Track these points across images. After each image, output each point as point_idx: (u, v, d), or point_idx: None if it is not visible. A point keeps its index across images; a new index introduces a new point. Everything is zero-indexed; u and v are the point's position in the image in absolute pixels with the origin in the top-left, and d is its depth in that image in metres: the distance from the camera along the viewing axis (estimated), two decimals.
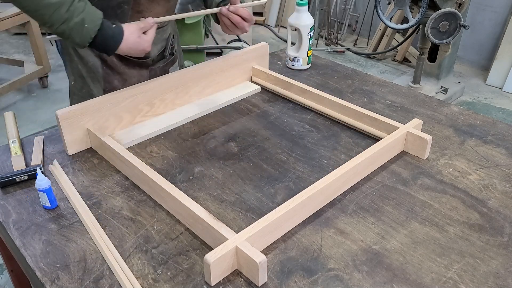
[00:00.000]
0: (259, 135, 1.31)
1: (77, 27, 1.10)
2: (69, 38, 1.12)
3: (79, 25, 1.10)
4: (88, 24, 1.11)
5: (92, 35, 1.13)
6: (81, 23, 1.10)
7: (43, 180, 1.01)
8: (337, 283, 0.86)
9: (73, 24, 1.09)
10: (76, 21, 1.09)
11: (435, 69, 3.49)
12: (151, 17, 1.24)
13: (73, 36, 1.11)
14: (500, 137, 1.30)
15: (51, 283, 0.86)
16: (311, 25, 1.67)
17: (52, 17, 1.07)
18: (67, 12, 1.08)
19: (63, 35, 1.12)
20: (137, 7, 1.32)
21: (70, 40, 1.13)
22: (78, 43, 1.13)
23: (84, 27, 1.11)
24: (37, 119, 3.30)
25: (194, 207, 0.95)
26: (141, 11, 1.34)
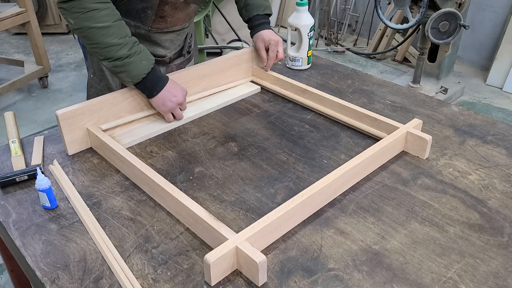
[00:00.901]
0: (259, 135, 1.31)
1: (136, 62, 1.22)
2: (126, 72, 1.22)
3: (138, 60, 1.22)
4: (145, 61, 1.24)
5: (146, 71, 1.24)
6: (140, 59, 1.22)
7: (43, 180, 1.01)
8: (337, 283, 0.86)
9: (134, 59, 1.21)
10: (136, 57, 1.22)
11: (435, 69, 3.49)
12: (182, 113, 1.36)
13: (131, 69, 1.22)
14: (500, 137, 1.30)
15: (51, 283, 0.86)
16: (311, 25, 1.67)
17: (117, 53, 1.19)
18: (130, 50, 1.21)
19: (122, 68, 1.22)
20: (161, 13, 1.36)
21: (126, 73, 1.22)
22: (135, 75, 1.23)
23: (142, 63, 1.23)
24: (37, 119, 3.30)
25: (194, 207, 0.95)
26: (164, 16, 1.37)
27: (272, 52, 1.52)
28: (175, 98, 1.30)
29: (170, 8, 1.36)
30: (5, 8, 3.32)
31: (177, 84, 1.32)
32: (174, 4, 1.36)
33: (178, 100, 1.31)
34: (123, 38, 1.20)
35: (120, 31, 1.20)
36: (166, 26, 1.41)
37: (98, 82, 1.47)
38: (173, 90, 1.30)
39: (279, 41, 1.53)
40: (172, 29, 1.44)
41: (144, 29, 1.38)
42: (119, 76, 1.25)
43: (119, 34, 1.19)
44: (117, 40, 1.19)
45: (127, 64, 1.21)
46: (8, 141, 1.25)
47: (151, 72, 1.25)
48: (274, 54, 1.52)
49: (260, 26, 1.54)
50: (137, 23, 1.37)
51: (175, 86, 1.31)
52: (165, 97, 1.28)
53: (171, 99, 1.29)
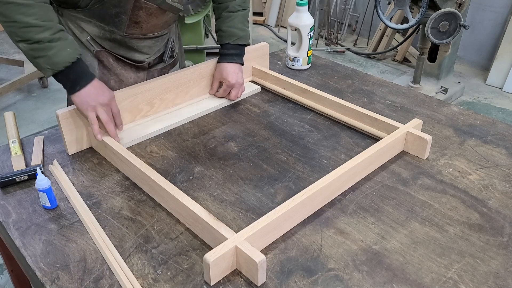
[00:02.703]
0: (259, 135, 1.31)
1: (59, 47, 1.10)
2: (46, 57, 1.10)
3: (62, 46, 1.10)
4: (71, 49, 1.12)
5: (71, 60, 1.12)
6: (63, 46, 1.11)
7: (43, 180, 1.01)
8: (337, 283, 0.86)
9: (56, 45, 1.10)
10: (59, 43, 1.10)
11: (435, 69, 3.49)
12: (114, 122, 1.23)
13: (52, 55, 1.10)
14: (500, 137, 1.30)
15: (51, 283, 0.86)
16: (311, 25, 1.67)
17: (37, 35, 1.08)
18: (53, 35, 1.09)
19: (42, 51, 1.10)
20: (135, 18, 1.31)
21: (45, 59, 1.10)
22: (56, 62, 1.11)
23: (66, 50, 1.11)
24: (37, 119, 3.30)
25: (194, 207, 0.95)
26: (138, 22, 1.33)
27: (224, 91, 1.46)
28: (100, 97, 1.17)
29: (145, 13, 1.31)
30: None
31: (104, 85, 1.21)
32: (148, 10, 1.30)
33: (103, 100, 1.17)
34: (46, 21, 1.08)
35: (43, 13, 1.08)
36: (142, 32, 1.36)
37: None
38: (100, 89, 1.18)
39: (235, 84, 1.44)
40: (149, 35, 1.39)
41: (119, 35, 1.34)
42: (36, 61, 1.10)
43: (41, 16, 1.08)
44: (39, 21, 1.07)
45: (47, 49, 1.08)
46: (8, 141, 1.25)
47: (76, 63, 1.13)
48: (225, 94, 1.46)
49: (226, 57, 1.45)
50: (112, 28, 1.32)
51: (102, 86, 1.20)
52: (89, 93, 1.15)
53: (96, 97, 1.16)
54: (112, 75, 1.41)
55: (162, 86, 1.36)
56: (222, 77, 1.45)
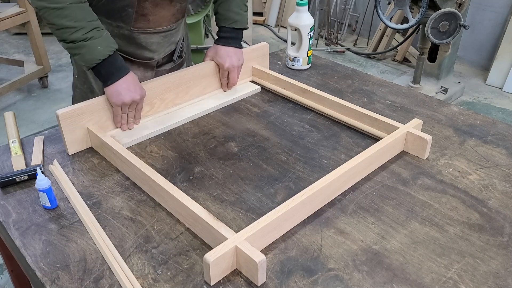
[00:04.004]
0: (259, 135, 1.31)
1: (91, 46, 1.18)
2: (80, 55, 1.19)
3: (93, 45, 1.18)
4: (102, 47, 1.19)
5: (101, 57, 1.19)
6: (95, 45, 1.18)
7: (43, 180, 1.01)
8: (337, 283, 0.86)
9: (89, 43, 1.18)
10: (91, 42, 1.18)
11: (435, 69, 3.49)
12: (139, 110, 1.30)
13: (84, 53, 1.18)
14: (500, 137, 1.30)
15: (51, 283, 0.86)
16: (311, 25, 1.67)
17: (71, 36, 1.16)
18: (85, 34, 1.17)
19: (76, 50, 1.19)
20: (142, 10, 1.32)
21: (80, 56, 1.19)
22: (88, 59, 1.19)
23: (97, 48, 1.18)
24: (37, 119, 3.30)
25: (194, 207, 0.95)
26: (145, 14, 1.33)
27: (222, 76, 1.48)
28: (131, 93, 1.22)
29: (151, 5, 1.32)
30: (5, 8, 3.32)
31: (138, 82, 1.27)
32: (154, 1, 1.31)
33: (134, 96, 1.23)
34: (79, 21, 1.15)
35: (75, 13, 1.15)
36: (149, 26, 1.37)
37: (82, 84, 1.45)
38: (132, 85, 1.23)
39: (229, 67, 1.45)
40: (157, 29, 1.39)
41: (127, 29, 1.34)
42: (74, 58, 1.22)
43: (74, 17, 1.15)
44: (71, 23, 1.15)
45: (81, 47, 1.17)
46: (8, 141, 1.25)
47: (108, 59, 1.20)
48: (224, 79, 1.48)
49: (222, 39, 1.47)
50: (119, 23, 1.33)
51: (135, 83, 1.25)
52: (120, 88, 1.21)
53: (127, 92, 1.22)
54: None
55: (162, 86, 1.36)
56: (216, 58, 1.47)
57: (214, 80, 1.50)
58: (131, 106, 1.26)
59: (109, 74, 1.21)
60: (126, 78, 1.23)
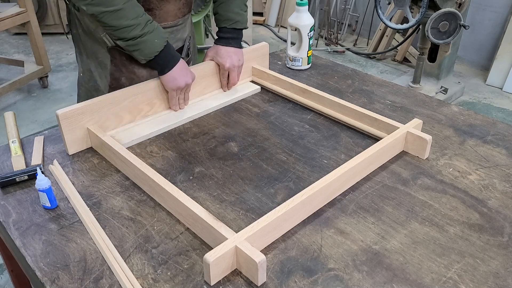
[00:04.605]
0: (259, 135, 1.31)
1: (149, 41, 1.25)
2: (139, 50, 1.25)
3: (151, 39, 1.25)
4: (158, 39, 1.26)
5: (159, 49, 1.26)
6: (152, 38, 1.25)
7: (43, 180, 1.01)
8: (337, 283, 0.86)
9: (146, 38, 1.24)
10: (148, 36, 1.24)
11: (435, 69, 3.49)
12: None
13: (143, 48, 1.25)
14: (500, 137, 1.30)
15: (51, 283, 0.86)
16: (311, 25, 1.67)
17: (130, 34, 1.22)
18: (142, 30, 1.23)
19: (135, 46, 1.25)
20: (148, 4, 1.33)
21: (139, 52, 1.26)
22: (147, 53, 1.26)
23: (154, 41, 1.25)
24: (37, 119, 3.30)
25: (194, 207, 0.95)
26: (151, 8, 1.35)
27: (222, 76, 1.49)
28: (184, 77, 1.33)
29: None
30: (5, 8, 3.32)
31: (187, 66, 1.36)
32: None
33: (187, 80, 1.34)
34: (135, 18, 1.21)
35: (131, 12, 1.21)
36: (156, 21, 1.35)
37: (87, 82, 1.45)
38: (184, 70, 1.33)
39: (230, 67, 1.46)
40: (163, 24, 1.39)
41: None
42: (133, 54, 1.28)
43: (131, 16, 1.20)
44: (129, 21, 1.20)
45: (140, 43, 1.24)
46: (8, 141, 1.25)
47: (163, 50, 1.27)
48: (225, 79, 1.49)
49: (222, 40, 1.48)
50: None
51: (186, 68, 1.35)
52: (176, 74, 1.31)
53: (182, 77, 1.32)
54: (124, 72, 1.42)
55: (162, 86, 1.36)
56: (216, 59, 1.47)
57: (214, 80, 1.50)
58: (183, 89, 1.36)
59: (166, 64, 1.29)
60: (179, 64, 1.32)
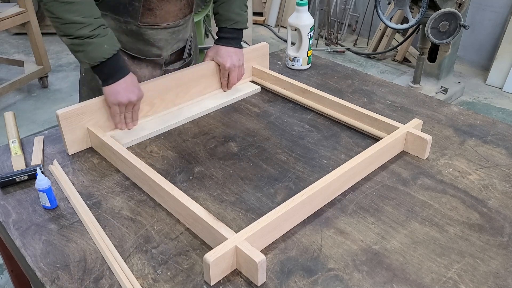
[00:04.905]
0: (259, 135, 1.31)
1: (97, 44, 1.17)
2: (84, 52, 1.17)
3: (99, 43, 1.17)
4: (108, 46, 1.19)
5: (106, 55, 1.19)
6: (101, 42, 1.18)
7: (43, 180, 1.01)
8: (337, 283, 0.86)
9: (95, 41, 1.17)
10: (98, 39, 1.17)
11: (435, 69, 3.49)
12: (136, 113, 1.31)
13: (90, 50, 1.17)
14: (500, 137, 1.30)
15: (51, 283, 0.86)
16: (311, 25, 1.67)
17: (78, 32, 1.15)
18: (92, 31, 1.16)
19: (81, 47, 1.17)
20: (148, 4, 1.32)
21: (83, 54, 1.18)
22: (92, 57, 1.18)
23: (103, 46, 1.18)
24: (37, 119, 3.30)
25: (194, 207, 0.95)
26: (152, 8, 1.34)
27: (222, 76, 1.48)
28: (128, 93, 1.23)
29: None
30: (5, 8, 3.32)
31: (137, 83, 1.27)
32: None
33: (131, 97, 1.23)
34: (87, 17, 1.15)
35: (84, 9, 1.15)
36: (157, 21, 1.37)
37: (89, 82, 1.45)
38: (131, 86, 1.24)
39: (230, 67, 1.45)
40: (164, 25, 1.39)
41: (134, 25, 1.34)
42: (76, 55, 1.20)
43: (83, 13, 1.14)
44: (80, 18, 1.14)
45: (86, 44, 1.16)
46: (8, 141, 1.25)
47: (112, 58, 1.20)
48: (225, 79, 1.49)
49: (222, 40, 1.47)
50: (127, 18, 1.33)
51: (135, 84, 1.26)
52: (119, 88, 1.22)
53: (125, 93, 1.22)
54: None
55: (162, 86, 1.36)
56: (217, 58, 1.47)
57: (214, 80, 1.50)
58: (128, 107, 1.26)
59: (111, 73, 1.21)
60: (126, 78, 1.23)
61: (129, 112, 1.28)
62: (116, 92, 1.22)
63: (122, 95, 1.22)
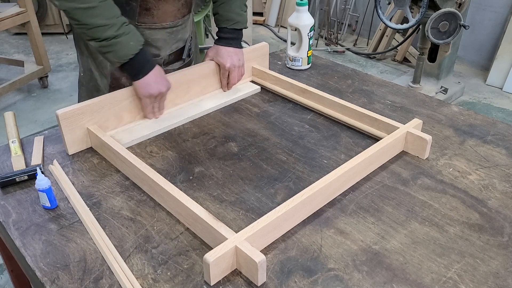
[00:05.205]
0: (259, 135, 1.31)
1: (123, 42, 1.19)
2: (113, 52, 1.20)
3: (125, 41, 1.19)
4: (133, 42, 1.21)
5: (134, 51, 1.21)
6: (127, 40, 1.20)
7: (43, 180, 1.01)
8: (337, 283, 0.86)
9: (121, 40, 1.19)
10: (123, 38, 1.19)
11: (435, 69, 3.49)
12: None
13: (118, 49, 1.19)
14: (500, 137, 1.30)
15: (51, 283, 0.86)
16: (311, 25, 1.67)
17: (104, 34, 1.17)
18: (117, 31, 1.18)
19: (109, 48, 1.19)
20: (145, 4, 1.32)
21: (113, 53, 1.20)
22: (121, 55, 1.20)
23: (129, 43, 1.20)
24: (37, 119, 3.30)
25: (194, 207, 0.95)
26: (149, 8, 1.34)
27: (223, 76, 1.48)
28: (158, 85, 1.27)
29: None
30: (5, 8, 3.32)
31: (164, 74, 1.30)
32: None
33: (161, 89, 1.28)
34: (110, 18, 1.17)
35: (107, 11, 1.17)
36: (154, 21, 1.37)
37: (88, 82, 1.45)
38: (160, 78, 1.28)
39: (230, 67, 1.45)
40: (162, 25, 1.39)
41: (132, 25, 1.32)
42: (106, 56, 1.22)
43: (106, 15, 1.17)
44: (104, 20, 1.16)
45: (113, 45, 1.19)
46: (8, 141, 1.25)
47: (139, 53, 1.22)
48: (225, 79, 1.49)
49: (223, 40, 1.47)
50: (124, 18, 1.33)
51: (162, 75, 1.29)
52: (149, 80, 1.25)
53: (155, 85, 1.26)
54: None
55: None
56: (217, 59, 1.47)
57: (214, 80, 1.50)
58: (157, 98, 1.30)
59: (140, 68, 1.24)
60: (155, 71, 1.26)
61: (157, 103, 1.32)
62: (147, 85, 1.25)
63: (153, 87, 1.26)
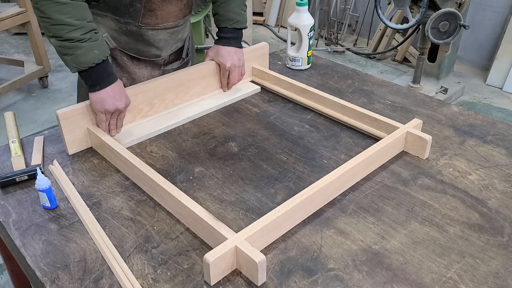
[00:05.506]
0: (259, 135, 1.31)
1: (87, 48, 1.14)
2: (73, 55, 1.14)
3: (89, 47, 1.14)
4: (98, 51, 1.16)
5: (96, 61, 1.15)
6: (91, 47, 1.14)
7: (43, 180, 1.01)
8: (337, 283, 0.86)
9: (85, 45, 1.14)
10: (88, 43, 1.14)
11: (435, 69, 3.48)
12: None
13: (79, 54, 1.14)
14: (500, 137, 1.30)
15: (51, 283, 0.86)
16: (311, 25, 1.67)
17: (69, 34, 1.12)
18: (84, 35, 1.13)
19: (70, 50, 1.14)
20: (149, 5, 1.32)
21: (72, 57, 1.14)
22: (81, 61, 1.14)
23: (93, 51, 1.15)
24: (37, 119, 3.30)
25: (194, 207, 0.95)
26: (153, 9, 1.33)
27: (223, 76, 1.48)
28: (115, 101, 1.20)
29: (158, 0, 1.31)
30: (5, 8, 3.32)
31: (124, 90, 1.24)
32: None
33: (118, 105, 1.20)
34: (80, 20, 1.12)
35: (78, 12, 1.12)
36: (157, 22, 1.36)
37: None
38: (118, 93, 1.21)
39: (230, 67, 1.45)
40: (164, 25, 1.38)
41: (135, 26, 1.34)
42: (64, 58, 1.15)
43: (75, 15, 1.11)
44: (72, 20, 1.10)
45: (75, 48, 1.12)
46: (8, 141, 1.25)
47: (101, 64, 1.17)
48: (225, 79, 1.49)
49: (223, 40, 1.47)
50: (127, 19, 1.32)
51: (122, 91, 1.22)
52: (106, 95, 1.18)
53: (112, 101, 1.19)
54: (125, 72, 1.42)
55: (162, 86, 1.36)
56: (217, 58, 1.47)
57: (214, 80, 1.50)
58: (114, 114, 1.23)
59: (99, 80, 1.18)
60: (114, 86, 1.20)
61: (114, 120, 1.24)
62: (103, 100, 1.18)
63: (108, 103, 1.19)
